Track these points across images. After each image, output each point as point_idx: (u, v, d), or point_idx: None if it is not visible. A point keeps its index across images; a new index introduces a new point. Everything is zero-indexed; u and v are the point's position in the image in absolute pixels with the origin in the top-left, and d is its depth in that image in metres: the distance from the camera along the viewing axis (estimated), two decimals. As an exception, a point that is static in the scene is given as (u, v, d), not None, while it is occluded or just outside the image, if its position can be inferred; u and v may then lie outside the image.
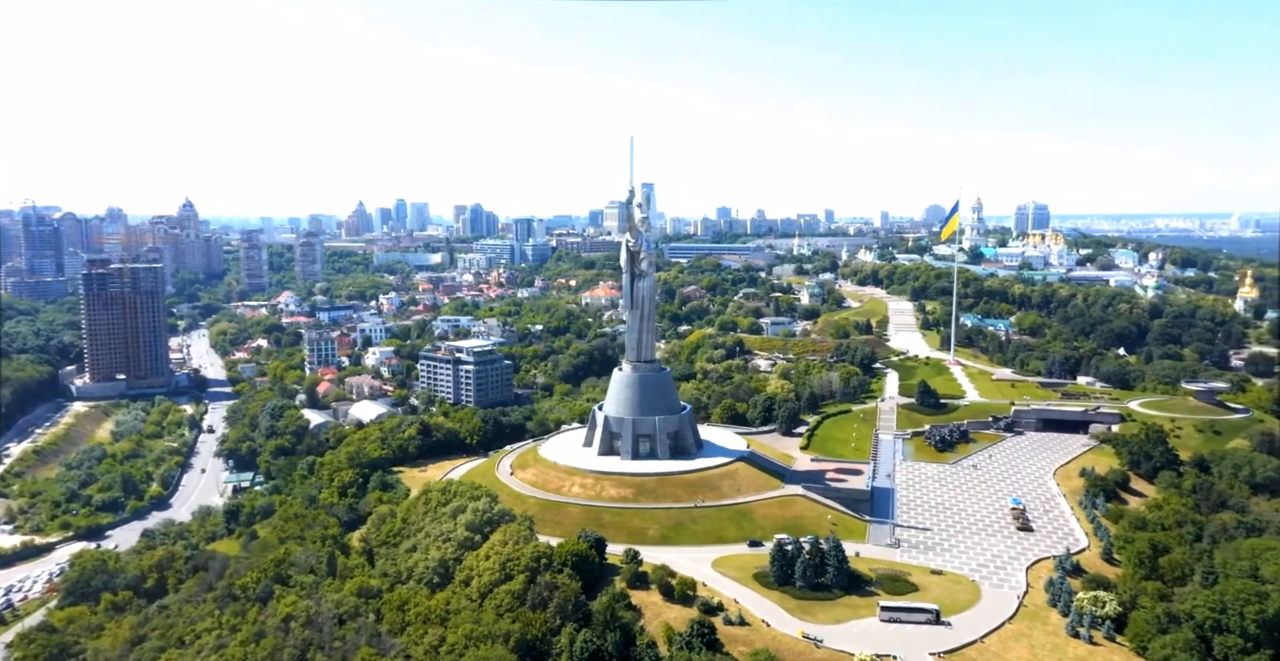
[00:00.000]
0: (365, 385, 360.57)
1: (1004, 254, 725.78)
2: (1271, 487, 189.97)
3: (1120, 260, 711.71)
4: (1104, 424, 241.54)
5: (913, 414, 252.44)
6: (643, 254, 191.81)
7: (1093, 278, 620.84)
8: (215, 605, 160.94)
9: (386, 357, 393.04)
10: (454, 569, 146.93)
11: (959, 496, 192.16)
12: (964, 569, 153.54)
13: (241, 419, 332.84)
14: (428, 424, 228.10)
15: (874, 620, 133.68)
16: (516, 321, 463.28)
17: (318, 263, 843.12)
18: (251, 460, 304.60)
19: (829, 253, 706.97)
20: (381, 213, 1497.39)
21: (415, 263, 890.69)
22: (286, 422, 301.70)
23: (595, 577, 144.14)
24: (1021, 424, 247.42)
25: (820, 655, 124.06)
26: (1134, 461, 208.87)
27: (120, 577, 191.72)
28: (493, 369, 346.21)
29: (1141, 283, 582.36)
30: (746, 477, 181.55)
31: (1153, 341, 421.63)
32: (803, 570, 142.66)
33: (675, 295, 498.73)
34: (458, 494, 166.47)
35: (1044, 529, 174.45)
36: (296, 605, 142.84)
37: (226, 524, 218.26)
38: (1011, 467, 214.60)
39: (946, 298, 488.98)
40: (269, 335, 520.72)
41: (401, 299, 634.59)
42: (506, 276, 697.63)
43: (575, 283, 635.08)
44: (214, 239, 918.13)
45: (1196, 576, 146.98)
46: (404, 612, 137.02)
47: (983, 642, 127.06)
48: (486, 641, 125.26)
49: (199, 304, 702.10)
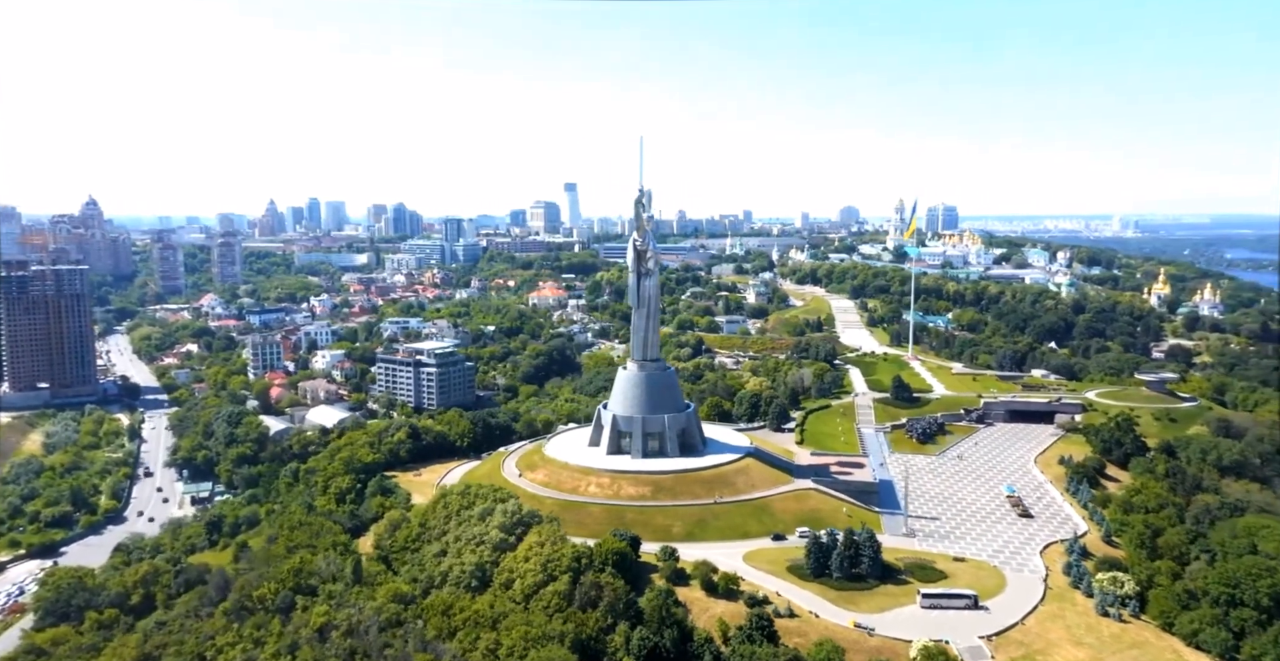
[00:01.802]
0: (320, 389, 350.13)
1: (926, 253, 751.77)
2: (1237, 470, 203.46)
3: (1033, 259, 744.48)
4: (1068, 414, 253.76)
5: (888, 408, 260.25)
6: (649, 253, 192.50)
7: (1009, 276, 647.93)
8: (227, 618, 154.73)
9: (338, 361, 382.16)
10: (491, 572, 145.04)
11: (954, 486, 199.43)
12: (981, 555, 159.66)
13: (192, 427, 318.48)
14: (417, 427, 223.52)
15: (914, 607, 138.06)
16: (468, 322, 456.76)
17: (237, 264, 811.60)
18: (208, 470, 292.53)
19: (761, 252, 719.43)
20: (294, 212, 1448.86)
21: (340, 263, 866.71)
22: (246, 430, 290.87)
23: (633, 576, 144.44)
24: (991, 415, 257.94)
25: (874, 643, 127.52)
26: (1106, 449, 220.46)
27: (103, 595, 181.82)
28: (455, 371, 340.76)
29: (1054, 280, 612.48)
30: (758, 473, 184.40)
31: (1079, 335, 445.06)
32: (839, 561, 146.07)
33: (625, 295, 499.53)
34: (479, 496, 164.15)
35: (1042, 515, 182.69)
36: (331, 614, 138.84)
37: (208, 536, 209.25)
38: (994, 458, 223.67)
39: (885, 295, 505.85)
40: (198, 339, 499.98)
41: (334, 301, 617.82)
42: (442, 277, 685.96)
43: (514, 283, 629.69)
44: (122, 239, 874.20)
45: (1194, 554, 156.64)
46: (449, 617, 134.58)
47: (1024, 624, 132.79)
48: (542, 642, 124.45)
49: (111, 307, 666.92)
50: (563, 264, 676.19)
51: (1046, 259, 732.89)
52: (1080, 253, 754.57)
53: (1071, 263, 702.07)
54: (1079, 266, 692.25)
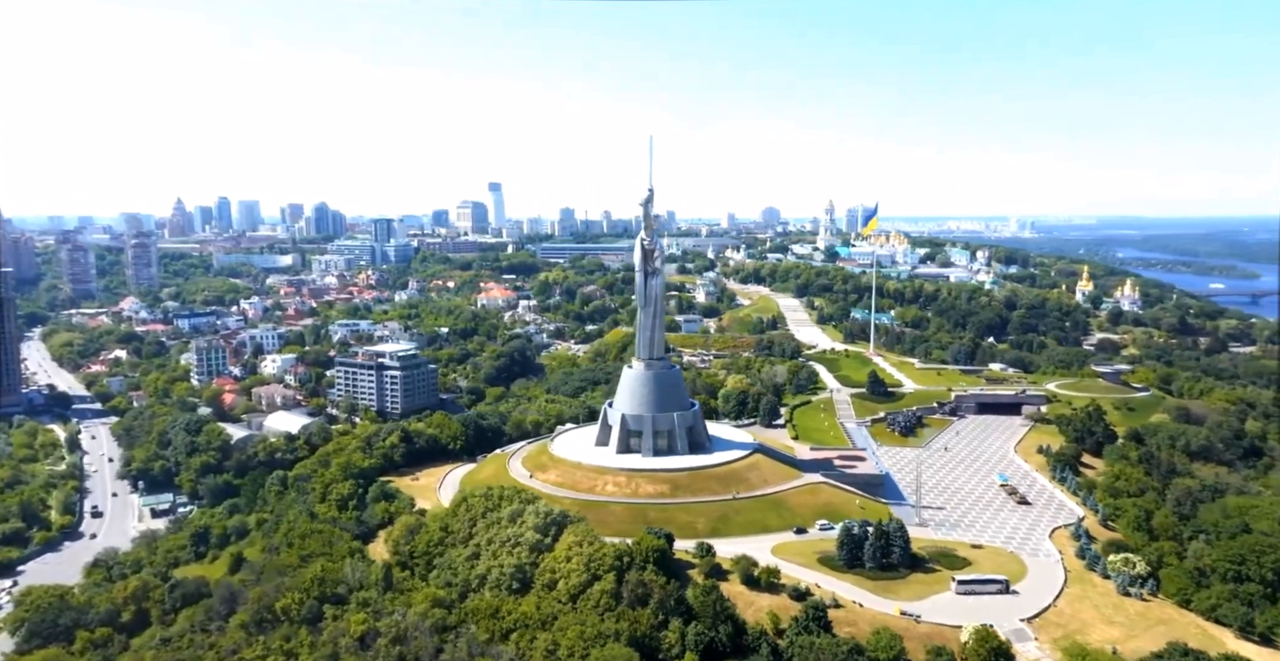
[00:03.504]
0: (276, 395, 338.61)
1: (856, 253, 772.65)
2: (1204, 454, 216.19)
3: (955, 258, 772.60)
4: (1034, 405, 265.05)
5: (865, 402, 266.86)
6: (656, 252, 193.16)
7: (936, 274, 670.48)
8: (246, 631, 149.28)
9: (290, 365, 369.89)
10: (531, 573, 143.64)
11: (949, 477, 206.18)
12: (995, 541, 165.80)
13: (144, 437, 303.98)
14: (409, 431, 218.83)
15: (949, 594, 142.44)
16: (419, 324, 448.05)
17: (153, 266, 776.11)
18: (167, 481, 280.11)
19: (699, 252, 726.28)
20: (203, 211, 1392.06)
21: (263, 265, 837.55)
22: (208, 438, 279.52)
23: (672, 572, 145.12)
24: (963, 408, 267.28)
25: (924, 629, 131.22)
26: (1078, 438, 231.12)
27: (91, 613, 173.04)
28: (419, 373, 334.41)
29: (977, 278, 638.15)
30: (769, 469, 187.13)
31: (1014, 331, 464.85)
32: (872, 552, 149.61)
33: (576, 295, 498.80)
34: (504, 498, 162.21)
35: (1038, 501, 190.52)
36: (370, 622, 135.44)
37: (194, 548, 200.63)
38: (976, 448, 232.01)
39: (829, 294, 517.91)
40: (125, 345, 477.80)
41: (265, 303, 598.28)
42: (377, 278, 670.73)
43: (454, 283, 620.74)
44: (23, 241, 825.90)
45: (1187, 534, 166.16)
46: (498, 620, 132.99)
47: (1056, 606, 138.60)
48: (599, 641, 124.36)
49: (20, 313, 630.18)
50: (503, 265, 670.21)
51: (968, 258, 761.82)
52: (998, 252, 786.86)
53: (990, 261, 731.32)
54: (997, 265, 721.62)
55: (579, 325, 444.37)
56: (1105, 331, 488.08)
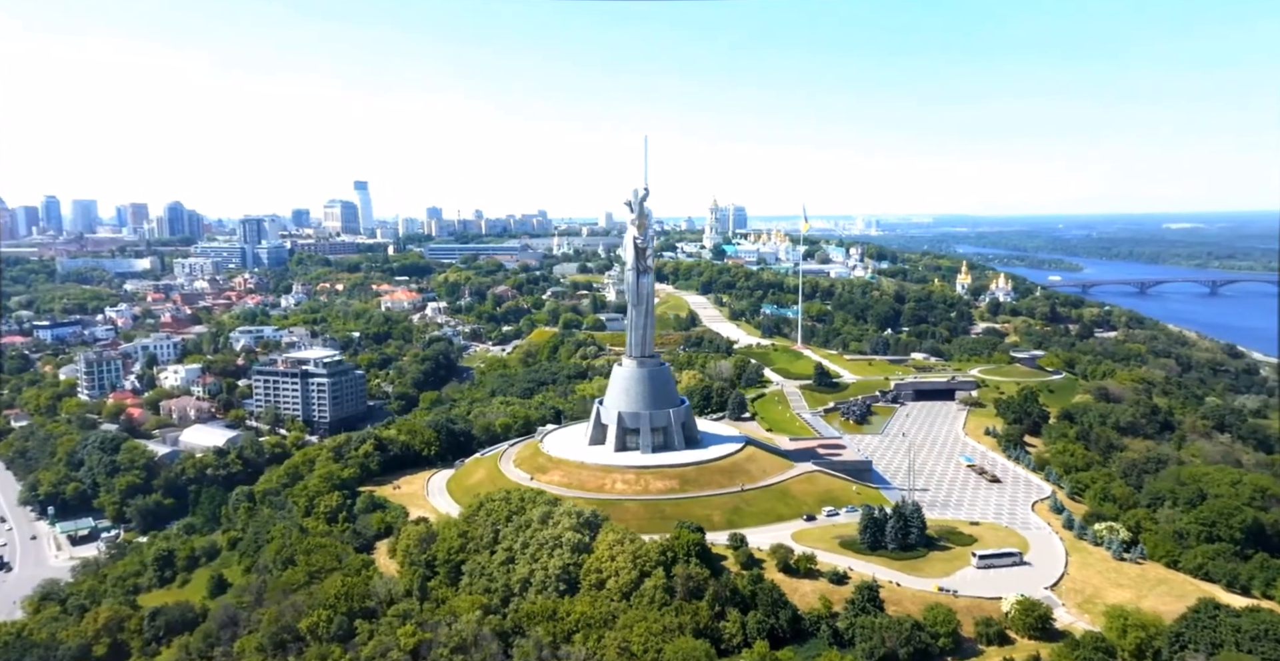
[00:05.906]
0: (189, 408, 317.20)
1: (742, 251, 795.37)
2: (1132, 430, 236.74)
3: (833, 255, 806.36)
4: (965, 390, 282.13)
5: (814, 394, 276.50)
6: (648, 251, 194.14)
7: (817, 270, 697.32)
8: (263, 654, 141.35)
9: (197, 376, 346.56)
10: (576, 573, 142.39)
11: (917, 460, 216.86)
12: (987, 518, 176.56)
13: (48, 458, 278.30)
14: (381, 439, 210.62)
15: (970, 569, 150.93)
16: (327, 329, 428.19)
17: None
18: (83, 504, 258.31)
19: (591, 251, 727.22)
20: (28, 212, 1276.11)
21: (116, 270, 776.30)
22: (129, 457, 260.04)
23: (709, 564, 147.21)
24: (902, 396, 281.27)
25: (963, 603, 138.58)
26: (1017, 419, 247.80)
27: (61, 649, 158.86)
28: (346, 380, 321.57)
29: (854, 274, 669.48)
30: (765, 460, 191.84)
31: (906, 321, 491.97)
32: (894, 533, 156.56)
33: (486, 296, 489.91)
34: (526, 501, 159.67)
35: (1006, 479, 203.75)
36: (420, 633, 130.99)
37: (159, 572, 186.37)
38: (928, 432, 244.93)
39: (733, 290, 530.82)
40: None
41: (134, 311, 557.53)
42: (255, 282, 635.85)
43: (342, 286, 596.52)
44: None
45: (1144, 501, 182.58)
46: (556, 621, 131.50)
47: (1069, 574, 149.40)
48: (667, 636, 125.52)
49: None
50: (393, 266, 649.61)
51: (844, 254, 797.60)
52: (869, 249, 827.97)
53: (864, 257, 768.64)
54: (870, 261, 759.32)
55: (494, 326, 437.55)
56: (987, 321, 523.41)
